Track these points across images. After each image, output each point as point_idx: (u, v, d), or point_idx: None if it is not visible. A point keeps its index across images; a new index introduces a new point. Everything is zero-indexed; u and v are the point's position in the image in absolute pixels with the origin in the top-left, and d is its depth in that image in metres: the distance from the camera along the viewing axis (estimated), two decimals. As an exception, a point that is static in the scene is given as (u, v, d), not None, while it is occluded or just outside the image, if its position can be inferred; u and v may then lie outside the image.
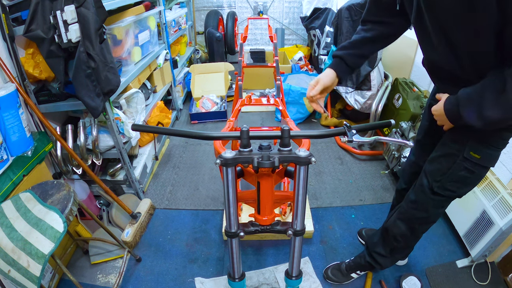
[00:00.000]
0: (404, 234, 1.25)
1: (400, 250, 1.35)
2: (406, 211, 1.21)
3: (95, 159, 1.74)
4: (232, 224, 0.92)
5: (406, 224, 1.23)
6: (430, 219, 1.19)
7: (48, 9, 1.26)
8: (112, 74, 1.49)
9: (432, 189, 1.07)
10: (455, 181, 1.03)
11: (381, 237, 1.36)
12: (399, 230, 1.25)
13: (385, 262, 1.38)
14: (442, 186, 1.05)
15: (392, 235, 1.28)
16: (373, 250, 1.39)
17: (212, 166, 2.40)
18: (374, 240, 1.40)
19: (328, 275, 1.55)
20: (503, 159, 1.56)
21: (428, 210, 1.15)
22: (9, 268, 1.02)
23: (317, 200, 2.06)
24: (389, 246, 1.33)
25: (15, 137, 1.33)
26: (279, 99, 1.72)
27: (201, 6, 4.18)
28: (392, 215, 1.30)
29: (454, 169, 1.01)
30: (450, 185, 1.04)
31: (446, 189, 1.05)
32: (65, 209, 1.13)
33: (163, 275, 1.61)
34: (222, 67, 3.34)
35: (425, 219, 1.19)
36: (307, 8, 3.38)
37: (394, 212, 1.30)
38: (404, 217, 1.23)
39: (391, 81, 2.58)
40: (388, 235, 1.31)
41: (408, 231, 1.24)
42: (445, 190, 1.05)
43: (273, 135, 0.87)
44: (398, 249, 1.32)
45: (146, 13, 2.10)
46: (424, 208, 1.15)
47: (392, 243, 1.31)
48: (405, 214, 1.22)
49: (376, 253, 1.38)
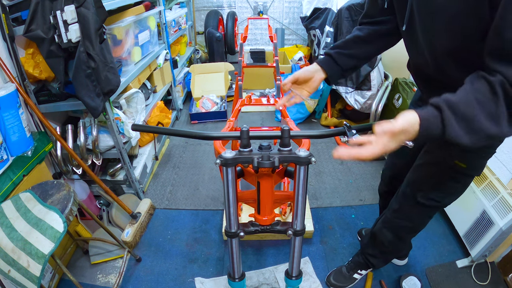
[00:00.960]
0: (392, 241, 1.23)
1: (390, 253, 1.34)
2: (390, 220, 1.18)
3: (95, 159, 1.74)
4: (232, 224, 0.92)
5: (392, 233, 1.20)
6: (415, 228, 1.16)
7: (48, 9, 1.26)
8: (112, 74, 1.49)
9: (416, 199, 1.03)
10: (440, 191, 1.00)
11: (370, 240, 1.35)
12: (386, 238, 1.23)
13: (377, 262, 1.38)
14: (426, 195, 1.02)
15: (379, 241, 1.27)
16: (365, 251, 1.40)
17: (212, 166, 2.40)
18: (365, 241, 1.40)
19: (331, 282, 1.51)
20: (503, 159, 1.56)
21: (412, 219, 1.12)
22: (9, 268, 1.02)
23: (317, 200, 2.06)
24: (379, 248, 1.32)
25: (15, 137, 1.33)
26: (279, 99, 1.72)
27: (201, 6, 4.18)
28: (378, 222, 1.28)
29: (438, 178, 0.97)
30: (434, 194, 1.00)
31: (430, 198, 1.01)
32: (65, 209, 1.13)
33: (163, 275, 1.61)
34: (222, 67, 3.34)
35: (410, 228, 1.16)
36: (307, 8, 3.37)
37: (380, 218, 1.28)
38: (389, 226, 1.20)
39: (391, 81, 2.58)
40: (376, 240, 1.30)
41: (395, 238, 1.21)
42: (429, 200, 1.02)
43: (273, 135, 0.86)
44: (388, 252, 1.32)
45: (146, 13, 2.10)
46: (408, 218, 1.12)
47: (380, 247, 1.30)
48: (390, 223, 1.19)
49: (368, 254, 1.38)
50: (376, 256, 1.35)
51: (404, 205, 1.10)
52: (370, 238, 1.35)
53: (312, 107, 2.92)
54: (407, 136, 0.66)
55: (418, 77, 0.98)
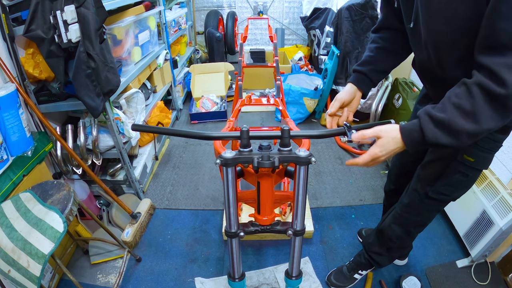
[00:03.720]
0: (400, 236, 1.25)
1: (396, 249, 1.36)
2: (400, 215, 1.20)
3: (95, 159, 1.74)
4: (232, 224, 0.92)
5: (402, 227, 1.23)
6: (424, 222, 1.19)
7: (48, 9, 1.26)
8: (112, 74, 1.49)
9: (426, 194, 1.06)
10: (449, 185, 1.02)
11: (376, 238, 1.36)
12: (394, 233, 1.25)
13: (383, 260, 1.39)
14: (436, 190, 1.04)
15: (387, 237, 1.29)
16: (370, 249, 1.40)
17: (212, 166, 2.40)
18: (369, 240, 1.41)
19: (332, 281, 1.52)
20: (503, 159, 1.56)
21: (422, 214, 1.15)
22: (9, 268, 1.02)
23: (317, 200, 2.06)
24: (385, 246, 1.33)
25: (15, 137, 1.33)
26: (279, 99, 1.72)
27: (201, 6, 4.18)
28: (386, 218, 1.29)
29: (447, 172, 1.00)
30: (444, 189, 1.03)
31: (440, 193, 1.04)
32: (65, 209, 1.13)
33: (163, 275, 1.61)
34: (222, 67, 3.34)
35: (419, 222, 1.18)
36: (307, 8, 3.37)
37: (388, 215, 1.30)
38: (399, 221, 1.22)
39: (391, 81, 2.58)
40: (383, 237, 1.31)
41: (404, 233, 1.24)
42: (439, 194, 1.05)
43: (273, 135, 0.86)
44: (394, 248, 1.33)
45: (146, 13, 2.10)
46: (419, 212, 1.15)
47: (388, 243, 1.31)
48: (399, 219, 1.21)
49: (373, 253, 1.39)
50: (382, 254, 1.36)
51: (414, 200, 1.12)
52: (376, 236, 1.36)
53: (312, 107, 2.92)
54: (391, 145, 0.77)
55: (423, 74, 1.00)
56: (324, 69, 2.94)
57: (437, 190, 1.04)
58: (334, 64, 2.72)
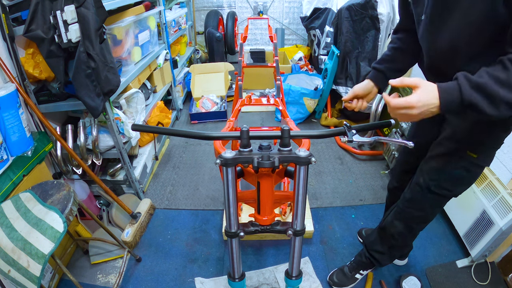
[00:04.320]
0: (402, 232, 1.26)
1: (398, 248, 1.36)
2: (402, 211, 1.22)
3: (95, 159, 1.74)
4: (232, 224, 0.92)
5: (404, 223, 1.24)
6: (427, 218, 1.20)
7: (48, 9, 1.26)
8: (112, 74, 1.49)
9: (429, 188, 1.08)
10: (452, 180, 1.04)
11: (378, 236, 1.37)
12: (396, 230, 1.26)
13: (384, 259, 1.39)
14: (439, 185, 1.06)
15: (389, 234, 1.29)
16: (371, 248, 1.40)
17: (212, 166, 2.40)
18: (371, 239, 1.41)
19: (333, 281, 1.52)
20: (503, 159, 1.56)
21: (424, 209, 1.16)
22: (9, 268, 1.02)
23: (317, 200, 2.06)
24: (387, 244, 1.34)
25: (15, 137, 1.33)
26: (279, 99, 1.72)
27: (201, 6, 4.18)
28: (389, 215, 1.30)
29: (450, 168, 1.02)
30: (447, 184, 1.05)
31: (443, 187, 1.06)
32: (65, 209, 1.13)
33: (163, 275, 1.61)
34: (222, 67, 3.34)
35: (422, 218, 1.20)
36: (307, 8, 3.37)
37: (390, 212, 1.30)
38: (401, 217, 1.23)
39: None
40: (385, 234, 1.32)
41: (406, 230, 1.25)
42: (442, 189, 1.06)
43: (273, 135, 0.87)
44: (396, 246, 1.34)
45: (146, 13, 2.10)
46: (421, 207, 1.16)
47: (389, 241, 1.32)
48: (402, 214, 1.23)
49: (374, 251, 1.39)
50: (383, 253, 1.36)
51: (417, 195, 1.14)
52: (378, 234, 1.36)
53: (312, 107, 2.92)
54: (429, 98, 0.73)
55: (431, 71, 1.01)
56: (324, 69, 2.94)
57: (440, 185, 1.06)
58: (334, 64, 2.72)
